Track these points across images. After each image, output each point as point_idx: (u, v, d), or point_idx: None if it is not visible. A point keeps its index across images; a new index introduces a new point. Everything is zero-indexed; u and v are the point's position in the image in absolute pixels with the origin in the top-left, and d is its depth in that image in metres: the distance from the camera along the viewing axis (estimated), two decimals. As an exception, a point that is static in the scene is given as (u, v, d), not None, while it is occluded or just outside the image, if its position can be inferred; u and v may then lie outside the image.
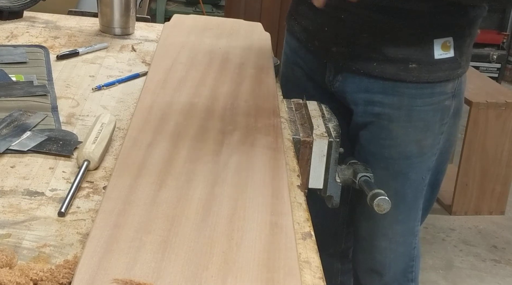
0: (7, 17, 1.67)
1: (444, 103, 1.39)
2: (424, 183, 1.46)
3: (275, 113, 1.16)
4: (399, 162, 1.41)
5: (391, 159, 1.41)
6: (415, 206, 1.48)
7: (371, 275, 1.57)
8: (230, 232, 0.80)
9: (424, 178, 1.45)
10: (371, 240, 1.52)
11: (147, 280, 0.70)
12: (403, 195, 1.44)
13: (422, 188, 1.46)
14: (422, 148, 1.40)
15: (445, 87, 1.37)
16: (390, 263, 1.54)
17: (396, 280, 1.57)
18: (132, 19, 1.68)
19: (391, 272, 1.55)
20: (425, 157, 1.42)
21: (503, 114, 2.87)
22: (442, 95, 1.38)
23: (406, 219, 1.50)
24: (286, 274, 0.74)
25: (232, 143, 1.03)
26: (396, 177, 1.42)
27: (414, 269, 1.58)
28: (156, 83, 1.23)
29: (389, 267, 1.55)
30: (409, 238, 1.53)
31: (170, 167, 0.94)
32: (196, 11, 4.57)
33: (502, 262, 2.69)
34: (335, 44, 1.38)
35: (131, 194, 0.86)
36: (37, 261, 0.77)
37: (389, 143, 1.40)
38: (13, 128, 1.08)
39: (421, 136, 1.39)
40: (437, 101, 1.38)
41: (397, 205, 1.42)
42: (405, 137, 1.39)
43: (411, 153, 1.40)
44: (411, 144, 1.39)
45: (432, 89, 1.36)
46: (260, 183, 0.92)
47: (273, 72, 1.36)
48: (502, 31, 4.66)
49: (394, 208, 1.38)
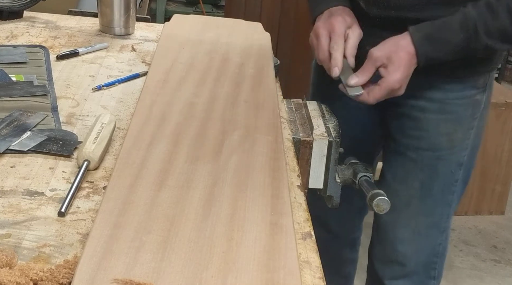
0: (7, 17, 1.67)
1: (475, 97, 1.41)
2: (454, 178, 1.47)
3: (275, 113, 1.16)
4: (428, 153, 1.43)
5: (421, 150, 1.43)
6: (443, 200, 1.49)
7: (392, 266, 1.56)
8: (230, 232, 0.80)
9: (453, 171, 1.46)
10: (393, 230, 1.51)
11: (147, 280, 0.70)
12: (430, 187, 1.46)
13: (451, 182, 1.47)
14: (452, 141, 1.42)
15: (476, 82, 1.40)
16: (412, 255, 1.53)
17: (417, 274, 1.56)
18: (132, 19, 1.68)
19: (412, 264, 1.54)
20: (455, 150, 1.43)
21: (503, 114, 2.87)
22: (474, 89, 1.40)
23: (432, 212, 1.50)
24: (286, 274, 0.74)
25: (232, 143, 1.03)
26: (424, 169, 1.44)
27: (437, 266, 1.57)
28: (156, 83, 1.23)
29: (410, 258, 1.54)
30: (434, 232, 1.52)
31: (170, 167, 0.94)
32: (196, 11, 4.57)
33: (502, 262, 2.69)
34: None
35: (131, 194, 0.86)
36: (37, 261, 0.77)
37: (420, 134, 1.42)
38: (13, 128, 1.08)
39: (451, 130, 1.41)
40: (469, 95, 1.40)
41: (423, 197, 1.45)
42: (436, 129, 1.41)
43: (441, 145, 1.42)
44: (441, 136, 1.41)
45: (463, 84, 1.38)
46: (260, 183, 0.92)
47: (273, 72, 1.36)
48: (502, 31, 4.65)
49: (419, 200, 1.45)
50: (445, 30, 1.26)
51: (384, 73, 1.27)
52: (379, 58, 1.26)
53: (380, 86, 1.26)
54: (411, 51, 1.26)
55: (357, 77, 1.27)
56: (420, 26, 1.28)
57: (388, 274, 1.57)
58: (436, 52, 1.28)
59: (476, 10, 1.25)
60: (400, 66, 1.25)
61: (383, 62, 1.26)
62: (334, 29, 1.31)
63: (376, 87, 1.27)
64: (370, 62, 1.27)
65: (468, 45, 1.26)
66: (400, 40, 1.27)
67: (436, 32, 1.27)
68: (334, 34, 1.31)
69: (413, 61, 1.27)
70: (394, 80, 1.25)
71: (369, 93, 1.26)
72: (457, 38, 1.26)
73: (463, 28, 1.25)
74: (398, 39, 1.28)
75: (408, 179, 1.45)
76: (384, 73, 1.27)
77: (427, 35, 1.27)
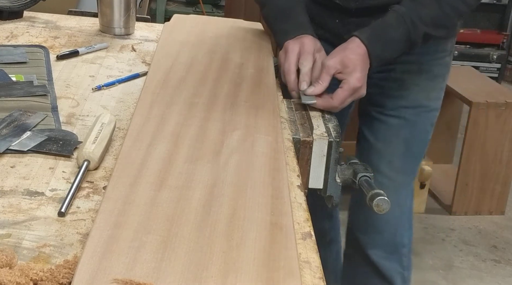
0: (7, 17, 1.67)
1: (445, 59, 1.55)
2: (427, 137, 1.59)
3: (275, 114, 1.16)
4: (410, 110, 1.54)
5: (403, 108, 1.54)
6: (419, 158, 1.61)
7: (373, 234, 1.62)
8: (230, 232, 0.80)
9: (428, 130, 1.58)
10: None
11: (147, 280, 0.70)
12: (411, 144, 1.56)
13: (425, 142, 1.60)
14: (429, 99, 1.55)
15: (446, 45, 1.54)
16: (389, 219, 1.59)
17: (391, 243, 1.62)
18: (132, 19, 1.68)
19: (390, 230, 1.61)
20: (430, 108, 1.56)
21: (503, 114, 2.87)
22: (444, 52, 1.54)
23: (412, 170, 1.61)
24: (286, 274, 0.74)
25: (232, 143, 1.03)
26: (406, 126, 1.55)
27: (407, 233, 1.64)
28: (156, 83, 1.23)
29: (388, 223, 1.60)
30: (408, 192, 1.61)
31: (170, 167, 0.94)
32: (196, 11, 4.57)
33: (502, 262, 2.69)
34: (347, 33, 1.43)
35: (131, 194, 0.86)
36: (37, 261, 0.77)
37: (402, 94, 1.54)
38: (13, 128, 1.08)
39: (429, 87, 1.55)
40: (441, 57, 1.54)
41: (405, 155, 1.56)
42: (416, 87, 1.53)
43: (421, 102, 1.54)
44: (421, 93, 1.54)
45: (436, 47, 1.51)
46: (260, 183, 0.92)
47: (273, 72, 1.36)
48: (502, 31, 4.66)
49: (401, 158, 1.56)
50: (386, 28, 1.35)
51: (343, 77, 1.30)
52: (332, 65, 1.30)
53: (342, 88, 1.30)
54: (362, 51, 1.32)
55: (313, 86, 1.29)
56: (363, 30, 1.35)
57: (369, 243, 1.63)
58: (384, 51, 1.35)
59: (404, 6, 1.36)
60: (356, 66, 1.30)
61: (337, 68, 1.30)
62: (304, 47, 1.35)
63: (339, 89, 1.30)
64: (324, 71, 1.30)
65: (409, 38, 1.35)
66: (348, 45, 1.33)
67: (379, 31, 1.35)
68: (304, 51, 1.35)
69: (366, 61, 1.33)
70: (354, 78, 1.29)
71: (333, 97, 1.29)
72: (397, 33, 1.34)
73: (400, 23, 1.34)
74: (346, 44, 1.34)
75: (392, 137, 1.55)
76: (343, 77, 1.30)
77: (373, 35, 1.34)
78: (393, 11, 1.36)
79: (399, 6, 1.36)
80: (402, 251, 1.65)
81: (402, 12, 1.35)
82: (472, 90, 2.96)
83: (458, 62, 4.36)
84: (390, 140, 1.56)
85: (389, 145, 1.56)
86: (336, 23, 1.50)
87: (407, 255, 1.66)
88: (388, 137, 1.56)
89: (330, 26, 1.51)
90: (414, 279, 2.51)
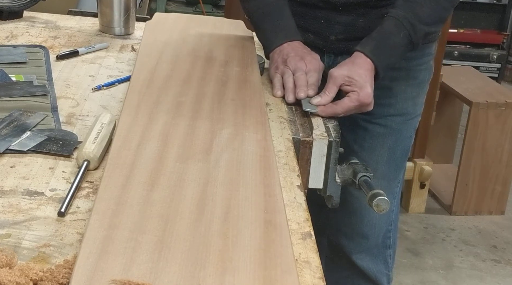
0: (7, 17, 1.67)
1: (430, 63, 1.56)
2: (410, 142, 1.59)
3: (262, 111, 1.15)
4: (397, 118, 1.54)
5: (390, 116, 1.54)
6: (401, 165, 1.60)
7: (358, 239, 1.61)
8: (225, 230, 0.80)
9: (411, 136, 1.59)
10: (360, 201, 1.54)
11: (145, 280, 0.70)
12: (394, 151, 1.56)
13: (408, 147, 1.60)
14: (415, 105, 1.56)
15: (430, 49, 1.54)
16: (374, 224, 1.59)
17: (376, 245, 1.62)
18: (132, 19, 1.68)
19: (375, 234, 1.61)
20: (415, 114, 1.57)
21: (503, 114, 2.87)
22: (429, 56, 1.55)
23: (394, 176, 1.59)
24: (283, 272, 0.74)
25: (221, 141, 1.03)
26: (392, 134, 1.54)
27: (391, 235, 1.63)
28: (141, 82, 1.22)
29: (374, 228, 1.60)
30: (390, 199, 1.58)
31: (161, 166, 0.93)
32: (196, 11, 4.57)
33: (502, 262, 2.69)
34: (333, 34, 1.47)
35: (123, 194, 0.86)
36: (37, 261, 0.78)
37: (389, 101, 1.52)
38: (13, 128, 1.09)
39: (415, 93, 1.55)
40: (426, 61, 1.54)
41: (388, 161, 1.56)
42: (403, 94, 1.53)
43: (407, 109, 1.54)
44: (408, 100, 1.54)
45: (422, 51, 1.50)
46: (251, 181, 0.92)
47: (258, 70, 1.35)
48: (502, 31, 4.65)
49: (385, 164, 1.55)
50: (387, 36, 1.35)
51: (351, 89, 1.29)
52: (340, 76, 1.29)
53: (350, 98, 1.28)
54: (370, 67, 1.32)
55: (320, 97, 1.28)
56: (364, 43, 1.34)
57: (354, 248, 1.62)
58: (389, 59, 1.36)
59: (399, 9, 1.35)
60: (366, 82, 1.29)
61: (345, 80, 1.29)
62: (306, 59, 1.34)
63: (346, 98, 1.28)
64: (331, 81, 1.29)
65: (411, 41, 1.35)
66: (355, 60, 1.33)
67: (381, 41, 1.34)
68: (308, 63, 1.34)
69: (373, 75, 1.32)
70: (365, 93, 1.28)
71: (338, 104, 1.27)
72: (399, 39, 1.34)
73: (399, 28, 1.34)
74: (352, 59, 1.33)
75: (377, 146, 1.55)
76: (351, 89, 1.29)
77: (376, 47, 1.34)
78: (391, 17, 1.35)
79: (396, 11, 1.35)
80: (387, 253, 1.65)
81: (399, 16, 1.34)
82: (472, 90, 2.95)
83: (458, 62, 4.36)
84: (374, 149, 1.55)
85: (373, 153, 1.55)
86: (321, 23, 1.48)
87: (391, 256, 1.67)
88: (373, 146, 1.55)
89: (315, 27, 1.48)
90: (414, 279, 2.52)
